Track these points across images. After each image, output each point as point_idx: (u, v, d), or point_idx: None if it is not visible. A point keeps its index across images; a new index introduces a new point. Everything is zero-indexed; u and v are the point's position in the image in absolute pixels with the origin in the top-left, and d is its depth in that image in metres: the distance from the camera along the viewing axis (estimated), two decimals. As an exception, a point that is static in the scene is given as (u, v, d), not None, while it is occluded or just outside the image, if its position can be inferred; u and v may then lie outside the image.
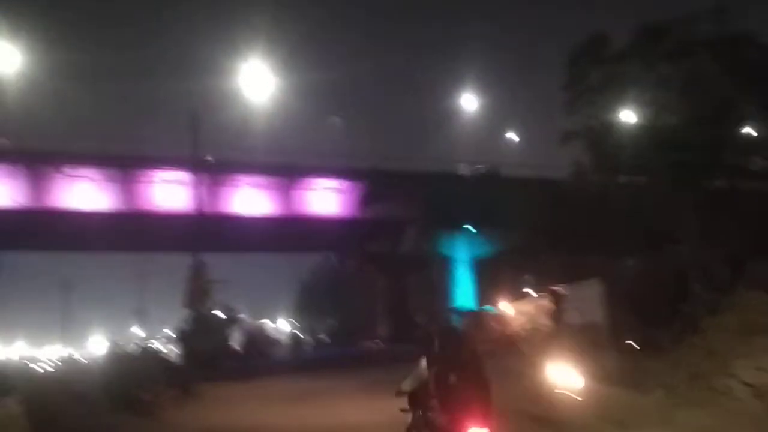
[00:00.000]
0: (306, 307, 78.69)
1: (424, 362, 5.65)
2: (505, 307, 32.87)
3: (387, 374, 8.44)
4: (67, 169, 32.09)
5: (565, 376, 6.47)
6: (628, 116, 32.60)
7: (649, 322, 13.01)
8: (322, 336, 66.42)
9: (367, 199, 37.74)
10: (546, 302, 28.52)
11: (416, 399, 5.74)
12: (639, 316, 13.51)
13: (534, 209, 35.80)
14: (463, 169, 40.52)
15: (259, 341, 36.48)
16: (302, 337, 54.44)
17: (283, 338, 57.83)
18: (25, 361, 64.05)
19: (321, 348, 53.05)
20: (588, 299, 13.00)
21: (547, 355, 6.40)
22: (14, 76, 26.42)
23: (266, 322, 59.55)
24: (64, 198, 32.37)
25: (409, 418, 5.87)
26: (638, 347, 13.15)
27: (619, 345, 13.23)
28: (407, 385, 5.87)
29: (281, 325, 73.07)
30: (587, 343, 12.65)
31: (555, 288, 28.03)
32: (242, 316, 38.13)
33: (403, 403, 5.92)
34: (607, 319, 13.05)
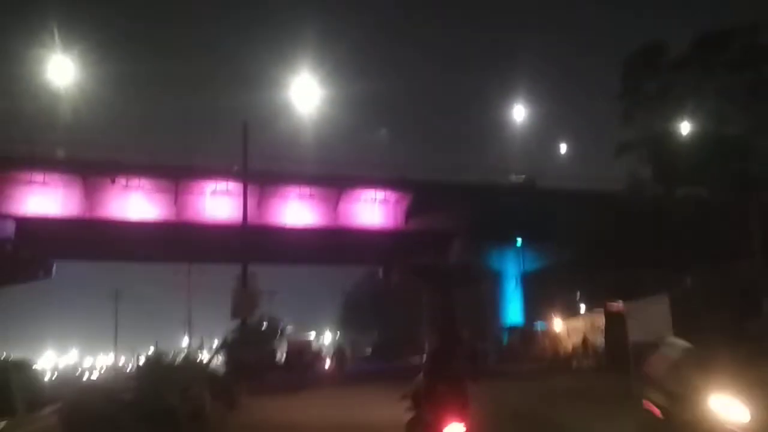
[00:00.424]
0: (349, 320, 78.85)
1: (421, 374, 7.30)
2: (557, 323, 32.04)
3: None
4: (119, 180, 32.76)
5: (729, 408, 5.83)
6: (686, 126, 31.65)
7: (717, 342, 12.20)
8: (366, 350, 66.27)
9: (413, 211, 37.41)
10: (601, 319, 27.65)
11: (416, 401, 7.22)
12: (705, 334, 12.72)
13: (587, 223, 34.89)
14: (505, 180, 39.73)
15: (303, 354, 36.30)
16: (346, 350, 54.28)
17: (327, 351, 57.82)
18: (77, 369, 66.06)
19: (365, 362, 52.84)
20: (654, 316, 12.23)
21: (709, 383, 5.73)
22: (68, 88, 26.95)
23: (311, 335, 59.65)
24: (115, 208, 33.14)
25: (410, 415, 7.31)
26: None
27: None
28: (408, 390, 7.41)
29: (325, 338, 73.25)
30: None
31: (611, 304, 27.15)
32: (288, 327, 38.10)
33: (408, 404, 7.41)
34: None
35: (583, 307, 34.79)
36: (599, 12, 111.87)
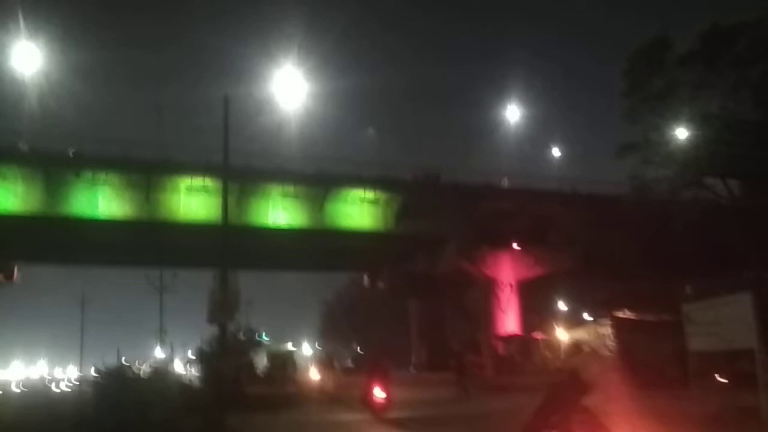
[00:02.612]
0: (330, 331, 76.99)
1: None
2: (560, 333, 30.73)
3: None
4: (87, 174, 30.84)
5: None
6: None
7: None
8: (347, 362, 64.55)
9: (403, 213, 35.97)
10: (607, 329, 26.43)
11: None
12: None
13: (586, 227, 33.81)
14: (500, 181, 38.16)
15: (284, 366, 34.64)
16: (328, 362, 52.52)
17: (307, 363, 55.98)
18: (45, 380, 63.43)
19: (348, 374, 51.13)
20: (732, 320, 10.61)
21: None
22: (34, 77, 25.26)
23: (290, 346, 57.84)
24: (81, 205, 31.22)
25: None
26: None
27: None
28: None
29: (305, 349, 71.36)
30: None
31: (618, 313, 25.94)
32: (266, 339, 36.45)
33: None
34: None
35: (586, 316, 33.65)
36: (598, 9, 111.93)
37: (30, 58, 24.52)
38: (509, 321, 37.39)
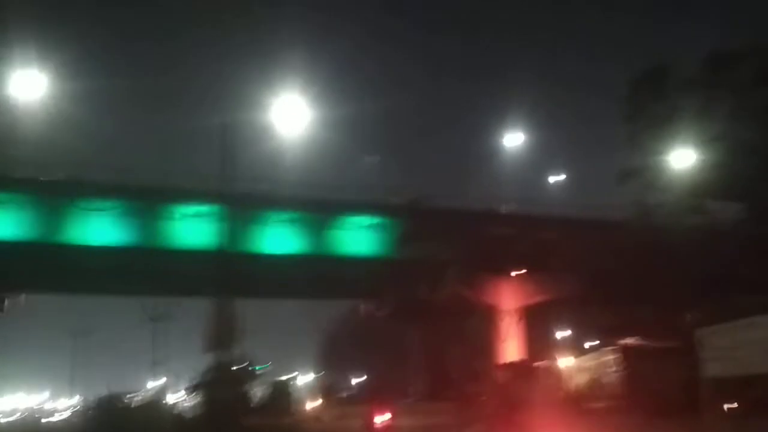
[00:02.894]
0: (329, 360, 76.07)
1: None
2: (565, 361, 30.18)
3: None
4: (82, 201, 30.55)
5: None
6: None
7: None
8: (345, 391, 63.65)
9: (404, 239, 35.62)
10: (612, 356, 25.98)
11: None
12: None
13: (589, 254, 33.49)
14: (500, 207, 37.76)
15: (281, 395, 34.00)
16: (326, 392, 51.85)
17: (305, 393, 55.20)
18: (40, 412, 62.27)
19: (346, 404, 50.38)
20: (751, 344, 10.30)
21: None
22: (36, 103, 25.10)
23: (287, 375, 57.01)
24: (78, 233, 30.83)
25: None
26: None
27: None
28: None
29: (302, 379, 70.46)
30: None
31: (626, 341, 25.57)
32: (262, 368, 35.79)
33: None
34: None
35: (587, 345, 33.19)
36: (600, 33, 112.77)
37: (29, 85, 24.41)
38: (511, 349, 36.86)
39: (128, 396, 35.47)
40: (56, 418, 54.41)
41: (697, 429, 15.90)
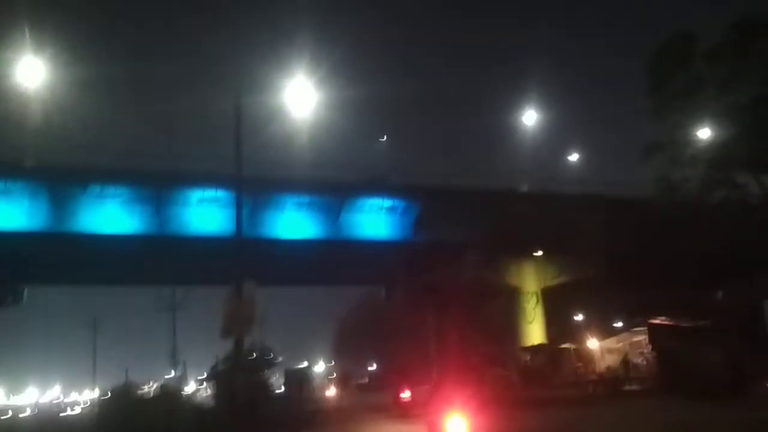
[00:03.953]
0: (345, 347, 75.74)
1: None
2: (591, 343, 29.49)
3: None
4: (94, 188, 30.06)
5: None
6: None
7: None
8: (363, 379, 63.33)
9: (422, 221, 34.98)
10: (642, 337, 25.31)
11: None
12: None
13: (611, 232, 32.68)
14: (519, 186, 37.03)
15: (302, 384, 33.64)
16: (345, 379, 51.49)
17: (323, 380, 54.93)
18: (60, 405, 62.45)
19: (364, 391, 50.03)
20: None
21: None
22: (38, 90, 24.60)
23: (304, 363, 56.74)
24: (90, 221, 30.42)
25: None
26: None
27: None
28: None
29: (319, 367, 70.28)
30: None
31: (655, 321, 24.84)
32: (279, 358, 35.40)
33: None
34: None
35: (616, 325, 32.44)
36: (617, 8, 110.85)
37: (35, 72, 23.97)
38: (535, 331, 36.18)
39: (146, 386, 35.21)
40: (74, 411, 54.46)
41: (741, 412, 15.07)
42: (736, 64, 28.69)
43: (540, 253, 36.34)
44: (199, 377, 47.95)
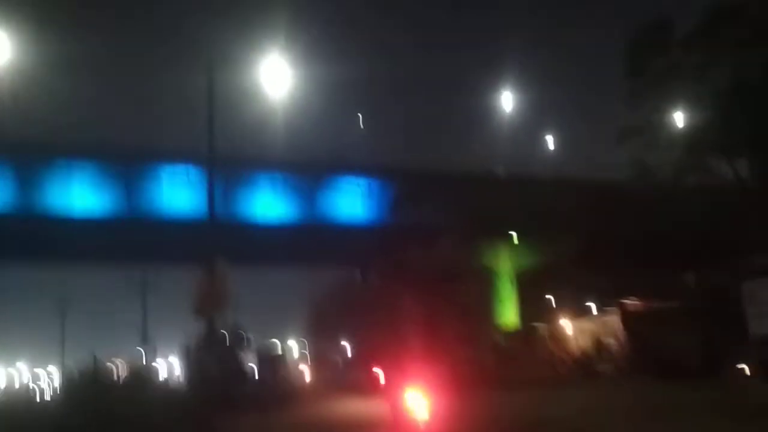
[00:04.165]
0: (318, 328, 75.65)
1: None
2: (564, 324, 29.78)
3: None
4: (60, 165, 29.28)
5: None
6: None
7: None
8: (336, 359, 63.41)
9: (398, 203, 34.83)
10: (613, 318, 25.57)
11: None
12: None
13: (586, 216, 32.93)
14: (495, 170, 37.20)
15: (276, 365, 33.46)
16: (318, 360, 51.48)
17: (296, 361, 54.89)
18: (27, 387, 61.44)
19: (339, 372, 50.16)
20: None
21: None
22: (5, 67, 23.74)
23: (277, 343, 56.46)
24: (55, 198, 29.62)
25: None
26: None
27: None
28: None
29: (293, 348, 70.15)
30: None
31: (626, 302, 25.11)
32: (250, 337, 35.19)
33: None
34: None
35: (588, 306, 32.89)
36: None
37: (2, 48, 23.15)
38: (509, 313, 36.48)
39: (115, 365, 34.58)
40: (44, 394, 53.72)
41: (711, 393, 15.20)
42: (709, 50, 28.93)
43: (515, 235, 36.56)
44: (169, 356, 47.50)
